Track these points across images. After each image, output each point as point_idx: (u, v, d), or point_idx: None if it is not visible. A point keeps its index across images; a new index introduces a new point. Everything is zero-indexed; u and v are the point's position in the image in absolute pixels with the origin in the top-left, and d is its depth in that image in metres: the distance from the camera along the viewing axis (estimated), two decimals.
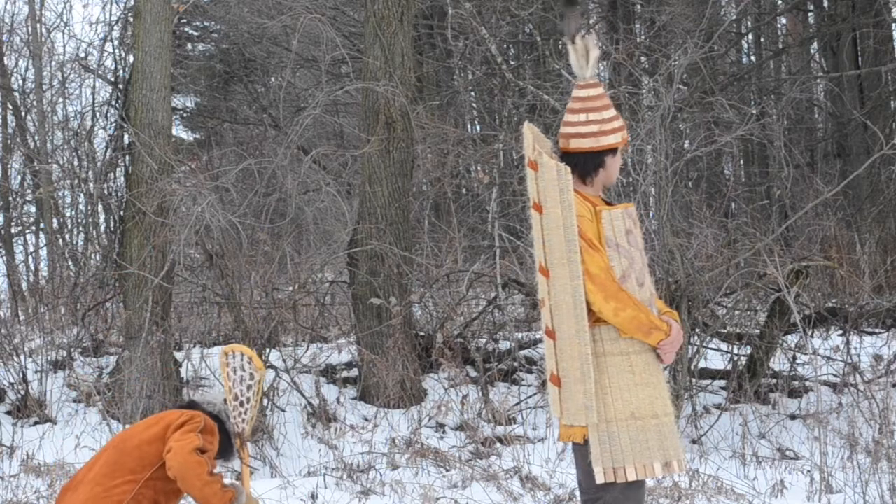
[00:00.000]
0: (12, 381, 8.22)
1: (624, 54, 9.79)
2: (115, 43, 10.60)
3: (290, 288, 9.22)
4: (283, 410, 8.02)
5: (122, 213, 9.02)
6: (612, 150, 4.16)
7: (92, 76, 11.29)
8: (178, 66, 14.74)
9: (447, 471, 7.21)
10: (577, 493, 6.49)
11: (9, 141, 13.27)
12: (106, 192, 9.70)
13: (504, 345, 8.97)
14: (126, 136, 8.79)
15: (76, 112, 12.18)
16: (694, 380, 8.23)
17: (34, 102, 12.90)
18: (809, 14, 16.45)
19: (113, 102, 9.61)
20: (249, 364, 4.53)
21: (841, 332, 9.05)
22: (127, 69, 9.51)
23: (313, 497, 6.69)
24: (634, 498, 4.06)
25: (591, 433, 4.01)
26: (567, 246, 4.01)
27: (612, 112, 4.18)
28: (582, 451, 4.06)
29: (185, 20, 16.57)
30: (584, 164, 4.13)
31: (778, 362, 8.67)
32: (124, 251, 8.36)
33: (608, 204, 4.21)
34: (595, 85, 4.22)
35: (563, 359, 4.03)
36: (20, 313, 10.41)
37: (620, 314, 4.01)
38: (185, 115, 18.95)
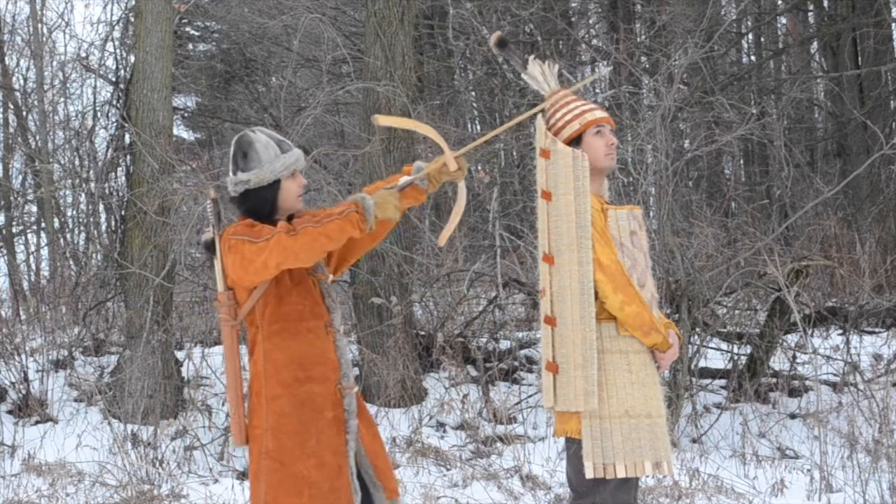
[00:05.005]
0: (14, 380, 8.23)
1: (624, 54, 9.80)
2: (117, 43, 10.61)
3: None
4: None
5: (123, 212, 9.03)
6: (574, 140, 4.12)
7: (93, 76, 11.30)
8: (179, 65, 14.75)
9: (448, 470, 7.22)
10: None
11: (10, 140, 13.28)
12: (107, 191, 9.71)
13: (505, 344, 8.98)
14: (127, 136, 8.80)
15: (77, 112, 12.21)
16: (694, 379, 8.24)
17: (35, 102, 12.92)
18: (809, 14, 16.46)
19: (114, 102, 9.62)
20: None
21: (841, 331, 9.05)
22: (128, 69, 9.52)
23: None
24: (625, 498, 4.06)
25: (584, 428, 4.01)
26: (578, 232, 4.01)
27: (567, 108, 4.17)
28: (574, 448, 4.07)
29: (186, 20, 16.58)
30: None
31: (778, 362, 8.67)
32: (125, 251, 8.37)
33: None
34: (550, 95, 4.25)
35: (564, 345, 4.02)
36: (21, 313, 10.43)
37: (626, 308, 4.02)
38: (185, 114, 18.95)
